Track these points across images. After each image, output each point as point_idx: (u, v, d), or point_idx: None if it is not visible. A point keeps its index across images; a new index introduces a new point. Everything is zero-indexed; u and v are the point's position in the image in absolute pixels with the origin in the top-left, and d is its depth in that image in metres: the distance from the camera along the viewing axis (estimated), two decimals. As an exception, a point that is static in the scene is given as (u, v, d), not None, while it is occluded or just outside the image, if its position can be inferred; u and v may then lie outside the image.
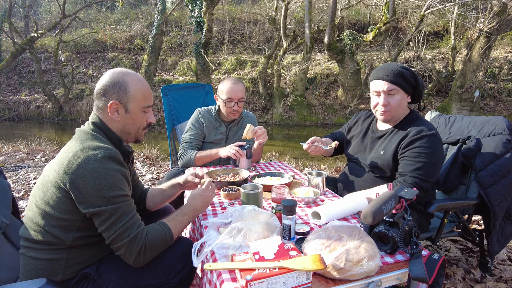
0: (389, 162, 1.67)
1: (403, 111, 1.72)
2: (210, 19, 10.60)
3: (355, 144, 1.91)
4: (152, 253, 1.19)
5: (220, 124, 2.40)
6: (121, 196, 1.14)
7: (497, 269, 2.09)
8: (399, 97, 1.66)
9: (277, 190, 1.38)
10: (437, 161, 1.60)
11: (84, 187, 1.09)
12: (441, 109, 10.01)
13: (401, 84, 1.64)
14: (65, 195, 1.13)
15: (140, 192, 1.57)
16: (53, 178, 1.14)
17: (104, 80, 1.26)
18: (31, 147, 6.16)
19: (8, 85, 14.18)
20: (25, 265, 1.20)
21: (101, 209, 1.10)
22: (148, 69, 11.94)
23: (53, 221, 1.15)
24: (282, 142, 9.03)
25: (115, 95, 1.25)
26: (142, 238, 1.15)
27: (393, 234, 1.12)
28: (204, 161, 2.24)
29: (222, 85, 2.31)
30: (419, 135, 1.59)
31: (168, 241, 1.24)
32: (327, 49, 9.68)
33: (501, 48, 12.27)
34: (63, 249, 1.17)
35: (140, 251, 1.14)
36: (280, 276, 0.94)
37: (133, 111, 1.29)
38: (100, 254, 1.25)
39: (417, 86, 1.67)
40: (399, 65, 1.69)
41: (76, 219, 1.15)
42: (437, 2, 8.88)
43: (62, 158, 1.15)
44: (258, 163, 2.46)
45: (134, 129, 1.33)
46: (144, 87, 1.31)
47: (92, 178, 1.09)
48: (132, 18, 16.80)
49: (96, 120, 1.27)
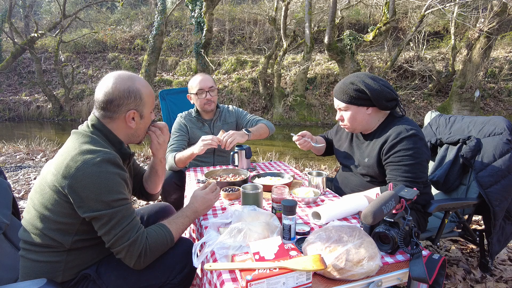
0: (375, 169, 1.68)
1: (363, 122, 1.70)
2: (210, 19, 10.60)
3: (343, 150, 1.93)
4: (153, 255, 1.18)
5: (203, 124, 2.41)
6: (120, 200, 1.13)
7: (497, 269, 2.09)
8: (353, 112, 1.69)
9: (277, 190, 1.38)
10: (422, 160, 1.57)
11: (83, 191, 1.08)
12: (441, 109, 10.01)
13: (348, 101, 1.67)
14: (64, 199, 1.12)
15: (141, 178, 1.60)
16: (51, 181, 1.13)
17: (112, 88, 1.21)
18: (32, 147, 6.16)
19: (9, 85, 14.19)
20: (25, 267, 1.20)
21: (100, 213, 1.09)
22: (148, 69, 11.95)
23: (52, 225, 1.14)
24: (282, 142, 9.03)
25: (132, 105, 1.24)
26: (142, 242, 1.15)
27: (394, 234, 1.12)
28: (185, 162, 2.17)
29: (190, 82, 2.37)
30: (398, 138, 1.57)
31: (169, 243, 1.23)
32: (327, 49, 9.68)
33: (501, 48, 12.27)
34: (62, 251, 1.17)
35: (140, 254, 1.14)
36: (280, 276, 0.94)
37: (146, 115, 1.31)
38: (100, 256, 1.24)
39: (370, 98, 1.62)
40: (348, 80, 1.67)
41: (75, 223, 1.15)
42: (437, 2, 8.88)
43: (59, 161, 1.13)
44: (258, 163, 2.46)
45: (143, 133, 1.36)
46: (152, 91, 1.34)
47: (91, 182, 1.08)
48: (132, 18, 16.81)
49: (95, 122, 1.24)
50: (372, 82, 1.63)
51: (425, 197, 1.69)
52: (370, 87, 1.62)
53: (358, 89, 1.63)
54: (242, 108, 9.05)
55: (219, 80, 12.82)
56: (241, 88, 12.16)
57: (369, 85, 1.62)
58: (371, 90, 1.61)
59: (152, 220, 1.62)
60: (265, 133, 2.32)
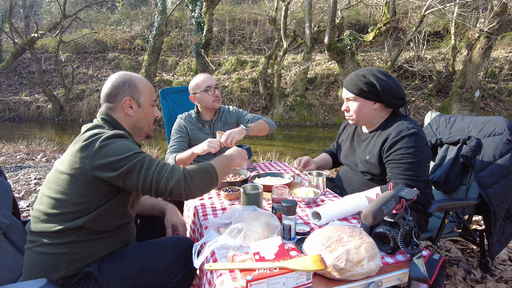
0: (376, 167, 1.68)
1: (368, 116, 1.72)
2: (211, 19, 10.60)
3: (345, 149, 1.93)
4: (198, 179, 1.22)
5: (203, 125, 2.38)
6: (140, 151, 1.21)
7: (497, 269, 2.09)
8: (359, 104, 1.70)
9: (277, 191, 1.38)
10: (422, 159, 1.57)
11: (105, 158, 1.14)
12: (441, 109, 10.01)
13: (357, 93, 1.68)
14: (83, 179, 1.16)
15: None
16: (69, 166, 1.17)
17: (111, 82, 1.37)
18: (32, 148, 6.17)
19: (9, 86, 14.19)
20: (30, 260, 1.21)
21: (129, 165, 1.15)
22: (149, 70, 11.95)
23: (67, 207, 1.17)
24: (282, 142, 9.04)
25: (126, 92, 1.35)
26: (180, 168, 1.21)
27: (394, 234, 1.12)
28: (186, 163, 2.14)
29: (194, 82, 2.33)
30: (399, 136, 1.58)
31: (211, 170, 1.28)
32: (327, 49, 9.67)
33: (502, 48, 12.27)
34: (69, 242, 1.18)
35: (185, 177, 1.18)
36: (280, 277, 0.94)
37: (144, 105, 1.40)
38: (103, 252, 1.25)
39: (379, 93, 1.64)
40: (361, 72, 1.69)
41: (91, 201, 1.18)
42: (437, 2, 8.87)
43: (75, 148, 1.19)
44: (258, 163, 2.45)
45: (146, 123, 1.43)
46: (149, 83, 1.45)
47: (110, 149, 1.16)
48: (132, 19, 16.82)
49: (104, 114, 1.34)
50: (383, 78, 1.65)
51: (426, 197, 1.69)
52: (381, 82, 1.64)
53: (369, 82, 1.65)
54: (242, 108, 9.06)
55: (219, 80, 12.81)
56: (241, 88, 12.16)
57: (381, 80, 1.64)
58: (381, 85, 1.63)
59: (151, 222, 1.65)
60: (265, 130, 2.28)
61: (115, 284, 1.20)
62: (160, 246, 1.32)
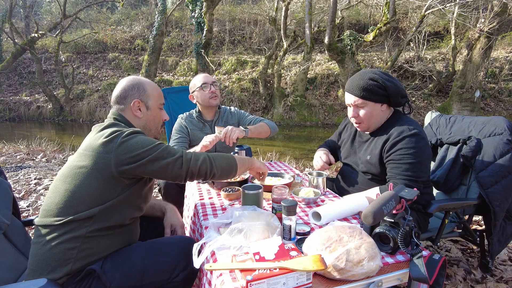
0: (377, 167, 1.68)
1: (378, 119, 1.70)
2: (211, 20, 10.61)
3: (345, 149, 1.92)
4: (220, 161, 1.37)
5: (204, 125, 2.38)
6: (161, 142, 1.30)
7: (497, 269, 2.09)
8: (369, 108, 1.66)
9: (277, 191, 1.38)
10: (423, 160, 1.57)
11: (131, 151, 1.21)
12: (441, 109, 10.01)
13: (367, 97, 1.64)
14: (107, 174, 1.20)
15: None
16: (91, 161, 1.21)
17: (121, 86, 1.43)
18: (32, 148, 6.17)
19: (9, 86, 14.20)
20: (36, 255, 1.20)
21: (157, 153, 1.24)
22: (149, 70, 11.95)
23: (83, 199, 1.20)
24: (282, 142, 9.04)
25: (136, 94, 1.41)
26: (203, 154, 1.34)
27: (394, 234, 1.12)
28: None
29: (193, 81, 2.37)
30: (400, 137, 1.58)
31: (230, 157, 1.42)
32: (328, 49, 9.68)
33: (502, 48, 12.28)
34: (78, 237, 1.19)
35: (209, 157, 1.33)
36: (280, 277, 0.94)
37: (152, 107, 1.45)
38: (110, 249, 1.26)
39: (388, 94, 1.63)
40: (367, 76, 1.65)
41: (108, 195, 1.22)
42: (437, 2, 8.88)
43: (95, 144, 1.23)
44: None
45: (154, 126, 1.49)
46: (157, 87, 1.50)
47: (135, 142, 1.23)
48: (132, 19, 16.82)
49: (115, 115, 1.40)
50: (388, 79, 1.65)
51: (426, 197, 1.69)
52: (389, 83, 1.63)
53: (379, 85, 1.63)
54: (243, 108, 9.07)
55: (220, 80, 12.82)
56: (241, 88, 12.16)
57: (388, 81, 1.64)
58: (390, 86, 1.63)
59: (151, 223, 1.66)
60: (265, 132, 2.26)
61: (118, 282, 1.21)
62: (162, 245, 1.33)
